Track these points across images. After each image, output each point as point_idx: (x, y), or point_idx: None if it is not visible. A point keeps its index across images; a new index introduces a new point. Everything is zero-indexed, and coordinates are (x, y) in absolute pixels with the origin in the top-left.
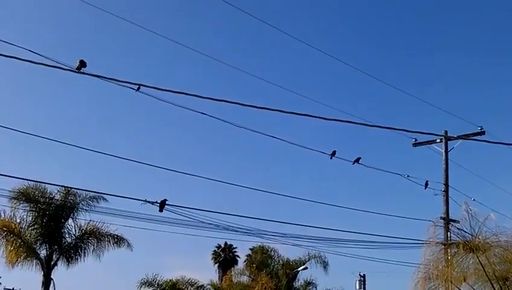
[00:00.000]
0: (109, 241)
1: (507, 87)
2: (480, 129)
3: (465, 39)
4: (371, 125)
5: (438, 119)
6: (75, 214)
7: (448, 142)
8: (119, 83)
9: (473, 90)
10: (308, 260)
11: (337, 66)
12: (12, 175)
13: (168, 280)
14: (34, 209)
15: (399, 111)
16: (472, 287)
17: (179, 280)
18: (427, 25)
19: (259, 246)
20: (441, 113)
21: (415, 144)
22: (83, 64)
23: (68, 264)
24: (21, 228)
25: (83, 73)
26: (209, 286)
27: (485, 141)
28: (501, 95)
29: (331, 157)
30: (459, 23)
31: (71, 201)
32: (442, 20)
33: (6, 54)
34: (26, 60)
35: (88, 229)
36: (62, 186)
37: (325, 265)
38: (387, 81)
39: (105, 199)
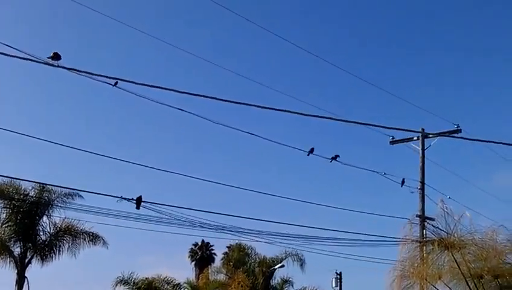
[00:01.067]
0: (84, 239)
1: (483, 87)
2: (457, 127)
3: (445, 37)
4: (349, 122)
5: (415, 119)
6: (50, 211)
7: (425, 140)
8: (95, 77)
9: (449, 89)
10: (285, 258)
11: (311, 61)
12: None
13: (144, 278)
14: (8, 206)
15: (376, 109)
16: (447, 285)
17: (155, 278)
18: (404, 21)
19: (236, 243)
20: (418, 112)
21: (392, 142)
22: (57, 56)
23: (43, 262)
24: None
25: (58, 66)
26: (185, 284)
27: (461, 138)
28: (477, 94)
29: (308, 154)
30: (436, 20)
31: (46, 198)
32: (420, 17)
33: None
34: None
35: (63, 226)
36: (37, 182)
37: (301, 263)
38: (365, 78)
39: (80, 195)
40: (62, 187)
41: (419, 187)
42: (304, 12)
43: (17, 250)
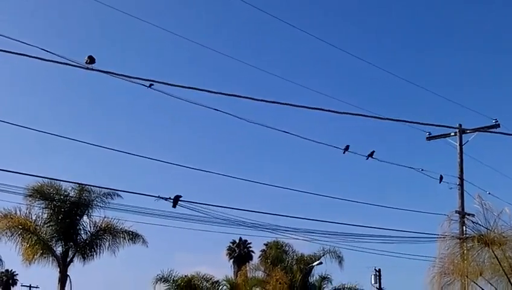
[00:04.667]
0: (124, 238)
1: None
2: (495, 122)
3: (481, 34)
4: (384, 119)
5: (452, 113)
6: (90, 210)
7: (463, 135)
8: (131, 79)
9: (486, 84)
10: (323, 255)
11: (349, 60)
12: (26, 173)
13: (184, 276)
14: (49, 206)
15: (413, 105)
16: (488, 282)
17: (194, 275)
18: (442, 17)
19: (274, 241)
20: (455, 108)
21: (429, 138)
22: (91, 60)
23: (84, 261)
24: (36, 225)
25: (94, 70)
26: (224, 282)
27: (500, 133)
28: None
29: (344, 152)
30: (474, 16)
31: (85, 198)
32: (457, 13)
33: (17, 52)
34: (36, 57)
35: (103, 225)
36: (76, 183)
37: (340, 260)
38: (401, 75)
39: (119, 195)
40: (101, 187)
41: (458, 183)
42: (330, 9)
43: (59, 249)
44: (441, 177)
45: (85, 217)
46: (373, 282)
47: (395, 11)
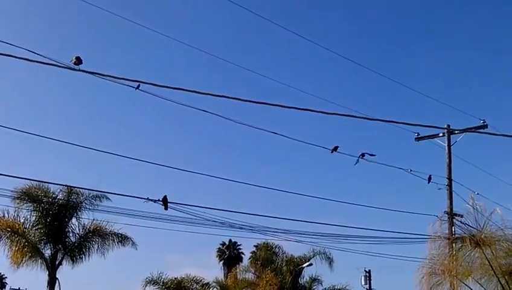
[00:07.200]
0: (113, 240)
1: (509, 82)
2: (483, 122)
3: (469, 33)
4: (373, 119)
5: (441, 115)
6: (79, 213)
7: (451, 136)
8: (118, 80)
9: (474, 85)
10: (313, 257)
11: (337, 60)
12: (14, 175)
13: (173, 278)
14: (37, 209)
15: (401, 106)
16: (478, 282)
17: (184, 278)
18: (429, 18)
19: (264, 243)
20: (443, 108)
21: (418, 138)
22: (79, 60)
23: (73, 264)
24: (25, 228)
25: (81, 70)
26: (214, 284)
27: (488, 133)
28: (503, 89)
29: (332, 152)
30: (461, 17)
31: (74, 200)
32: (444, 14)
33: (3, 53)
34: (23, 58)
35: (92, 228)
36: (65, 185)
37: (330, 261)
38: (389, 75)
39: (108, 197)
40: (89, 189)
41: (446, 184)
42: (321, 9)
43: (47, 252)
44: (430, 178)
45: (74, 220)
46: (363, 283)
47: (382, 11)
